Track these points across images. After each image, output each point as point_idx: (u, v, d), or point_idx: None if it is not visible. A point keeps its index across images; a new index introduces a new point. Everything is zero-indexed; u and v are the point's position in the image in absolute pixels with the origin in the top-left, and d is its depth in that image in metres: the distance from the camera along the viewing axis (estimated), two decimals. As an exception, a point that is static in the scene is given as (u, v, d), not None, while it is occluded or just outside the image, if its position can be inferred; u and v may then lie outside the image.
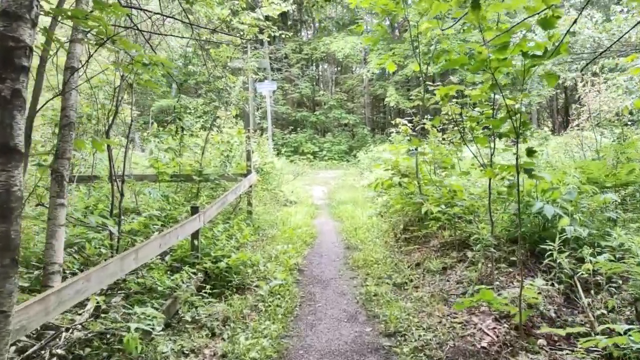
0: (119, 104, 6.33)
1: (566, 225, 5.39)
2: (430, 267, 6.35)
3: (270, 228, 9.42)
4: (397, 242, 7.95)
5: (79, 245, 6.38)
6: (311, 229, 9.68)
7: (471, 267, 5.98)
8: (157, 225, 7.29)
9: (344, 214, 11.55)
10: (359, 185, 16.45)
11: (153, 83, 4.95)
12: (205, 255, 6.42)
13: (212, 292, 5.76)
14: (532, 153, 4.47)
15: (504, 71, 4.57)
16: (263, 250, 7.65)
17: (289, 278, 6.46)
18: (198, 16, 8.84)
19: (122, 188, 6.32)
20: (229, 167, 9.94)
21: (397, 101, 25.56)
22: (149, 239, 5.01)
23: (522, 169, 4.44)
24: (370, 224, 9.71)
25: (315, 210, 12.72)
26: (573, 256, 5.32)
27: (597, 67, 9.86)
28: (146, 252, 4.61)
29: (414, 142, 6.45)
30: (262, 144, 15.01)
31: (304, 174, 20.32)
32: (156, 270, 5.78)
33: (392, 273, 6.52)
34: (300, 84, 28.63)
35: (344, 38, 26.89)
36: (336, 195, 14.95)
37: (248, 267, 6.46)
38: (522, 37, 4.19)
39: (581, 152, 8.74)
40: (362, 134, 28.81)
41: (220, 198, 7.38)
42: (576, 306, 5.07)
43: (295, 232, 9.09)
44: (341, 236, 9.30)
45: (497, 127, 4.65)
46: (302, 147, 27.27)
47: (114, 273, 3.98)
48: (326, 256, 7.83)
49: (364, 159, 20.96)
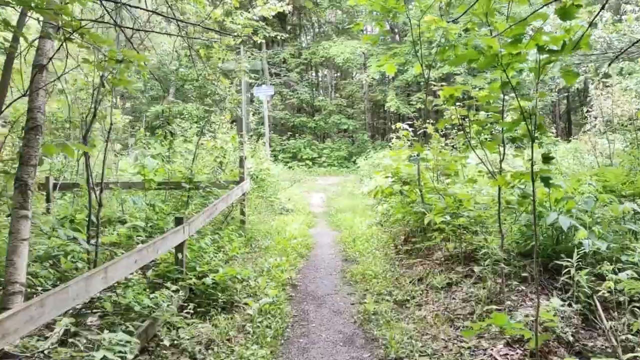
0: (98, 105, 5.88)
1: (583, 238, 4.91)
2: (434, 282, 5.86)
3: (264, 238, 8.93)
4: (397, 254, 7.46)
5: (56, 258, 5.91)
6: (307, 240, 9.20)
7: (479, 284, 5.49)
8: (141, 237, 6.82)
9: (343, 222, 11.07)
10: (358, 192, 15.97)
11: (127, 81, 4.48)
12: (191, 269, 5.94)
13: (196, 311, 5.29)
14: (548, 159, 4.00)
15: (517, 68, 4.13)
16: (255, 263, 7.17)
17: (281, 294, 5.97)
18: (188, 16, 8.40)
19: (100, 197, 5.84)
20: (222, 174, 9.48)
21: (398, 107, 25.11)
22: (124, 254, 4.53)
23: (537, 177, 3.98)
24: (370, 233, 9.23)
25: (313, 218, 12.24)
26: (591, 272, 4.84)
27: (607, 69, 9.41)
28: (118, 270, 4.13)
29: (416, 148, 5.99)
30: (259, 149, 14.54)
31: (302, 181, 19.86)
32: (136, 287, 5.30)
33: (392, 289, 6.03)
34: (299, 89, 28.17)
35: (344, 42, 26.47)
36: (335, 203, 14.48)
37: (237, 283, 5.98)
38: (538, 28, 3.72)
39: (593, 158, 8.28)
40: (362, 139, 28.34)
41: (209, 207, 6.90)
42: (595, 328, 4.58)
43: (290, 243, 8.60)
44: (339, 247, 8.82)
45: (509, 130, 4.18)
46: (301, 153, 26.79)
47: (77, 296, 3.50)
48: (322, 269, 7.34)
49: (363, 166, 20.49)
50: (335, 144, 28.21)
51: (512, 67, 3.99)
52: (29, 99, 4.50)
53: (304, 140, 27.68)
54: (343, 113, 29.12)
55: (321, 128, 28.94)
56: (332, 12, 33.42)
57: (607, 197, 5.56)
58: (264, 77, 27.06)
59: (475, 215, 5.84)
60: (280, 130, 28.53)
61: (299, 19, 32.86)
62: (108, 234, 6.72)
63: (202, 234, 7.34)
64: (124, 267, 4.25)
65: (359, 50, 26.68)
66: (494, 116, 5.03)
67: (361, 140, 28.40)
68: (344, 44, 26.12)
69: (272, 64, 28.04)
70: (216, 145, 10.01)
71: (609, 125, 8.98)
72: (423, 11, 6.86)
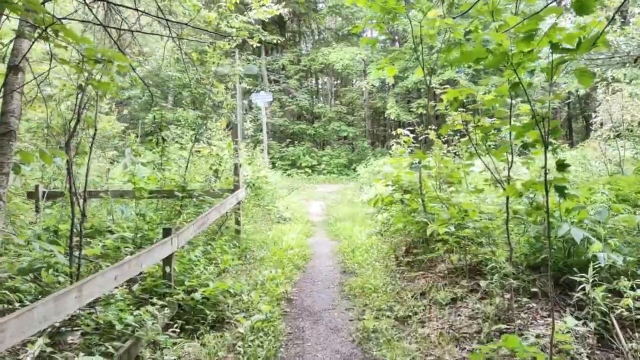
0: (82, 110, 5.56)
1: (598, 251, 4.58)
2: (438, 297, 5.52)
3: (259, 249, 8.59)
4: (398, 265, 7.12)
5: (38, 271, 5.58)
6: (305, 250, 8.85)
7: (485, 300, 5.15)
8: (129, 248, 6.48)
9: (342, 232, 10.73)
10: (358, 200, 15.64)
11: (108, 84, 4.16)
12: (179, 283, 5.60)
13: (184, 329, 4.95)
14: (563, 167, 3.68)
15: (529, 68, 3.82)
16: (249, 276, 6.83)
17: (276, 310, 5.63)
18: (181, 19, 8.12)
19: (84, 208, 5.52)
20: (216, 181, 9.15)
21: (398, 114, 24.83)
22: (100, 270, 4.20)
23: (551, 186, 3.65)
24: (370, 243, 8.88)
25: (311, 227, 11.89)
26: (607, 288, 4.50)
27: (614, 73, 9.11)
28: (95, 287, 3.79)
29: (418, 155, 5.66)
30: (256, 157, 14.23)
31: (301, 189, 19.54)
32: (120, 303, 4.97)
33: (393, 304, 5.68)
34: (298, 96, 27.89)
35: (343, 49, 26.20)
36: (334, 211, 14.14)
37: (228, 298, 5.64)
38: (552, 25, 3.41)
39: (602, 165, 7.95)
40: (362, 147, 28.02)
41: (201, 217, 6.57)
42: (612, 348, 4.24)
43: (286, 253, 8.26)
44: (337, 258, 8.47)
45: (519, 136, 3.85)
46: (300, 161, 26.46)
47: (44, 319, 3.16)
48: (320, 282, 7.00)
49: (363, 173, 20.17)
50: (335, 151, 27.90)
51: (524, 66, 3.68)
52: (2, 102, 4.20)
53: (303, 147, 27.38)
54: (343, 120, 28.83)
55: (321, 135, 28.64)
56: (331, 19, 33.25)
57: (620, 206, 5.23)
58: (263, 83, 26.81)
59: (481, 227, 5.50)
60: (279, 137, 28.22)
61: (299, 25, 32.67)
62: (95, 245, 6.38)
63: (193, 244, 7.02)
64: (101, 285, 3.91)
65: (359, 57, 26.43)
66: (501, 121, 4.71)
67: (361, 148, 28.09)
68: (343, 50, 25.87)
69: (271, 71, 27.78)
70: (212, 152, 9.70)
71: (618, 131, 8.66)
72: (424, 12, 6.57)
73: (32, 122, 9.74)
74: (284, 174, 23.44)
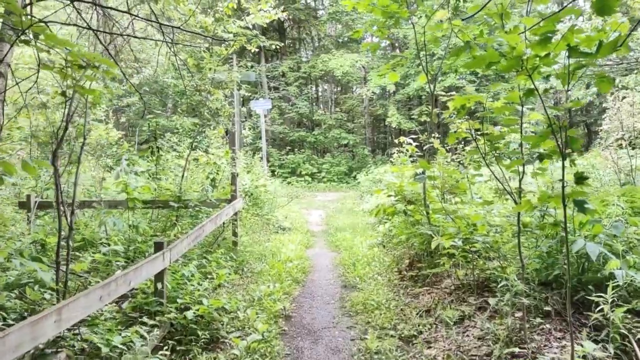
0: (70, 118, 5.30)
1: (616, 268, 4.31)
2: (444, 315, 5.22)
3: (257, 262, 8.30)
4: (402, 280, 6.83)
5: (24, 287, 5.31)
6: (304, 262, 8.56)
7: (495, 319, 4.86)
8: (120, 262, 6.20)
9: (342, 243, 10.44)
10: (358, 209, 15.37)
11: (92, 91, 3.90)
12: (172, 301, 5.32)
13: (175, 350, 4.67)
14: (582, 180, 3.41)
15: (544, 73, 3.56)
16: (245, 291, 6.54)
17: (273, 328, 5.34)
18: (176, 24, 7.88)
19: (71, 220, 5.24)
20: (212, 191, 8.89)
21: (399, 122, 24.59)
22: (87, 289, 3.92)
23: (570, 200, 3.38)
24: (371, 255, 8.60)
25: (311, 238, 11.60)
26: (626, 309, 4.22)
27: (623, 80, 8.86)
28: (77, 310, 3.51)
29: (422, 164, 5.39)
30: (255, 165, 13.96)
31: (300, 197, 19.26)
32: (108, 323, 4.69)
33: (397, 322, 5.40)
34: (298, 103, 27.64)
35: (343, 55, 25.96)
36: (334, 221, 13.86)
37: (223, 315, 5.36)
38: (570, 27, 3.15)
39: (613, 174, 7.67)
40: (363, 154, 27.73)
41: (195, 229, 6.30)
42: (631, 373, 3.96)
43: (285, 266, 7.97)
44: (338, 271, 8.18)
45: (535, 146, 3.59)
46: (300, 169, 26.18)
47: (17, 348, 2.88)
48: (319, 297, 6.71)
49: (364, 181, 19.91)
50: (335, 158, 27.63)
51: (539, 71, 3.42)
52: (-19, 110, 3.94)
53: (303, 155, 27.11)
54: (343, 127, 28.57)
55: (321, 143, 28.38)
56: (331, 26, 33.12)
57: (637, 219, 4.95)
58: (263, 90, 26.60)
59: (492, 241, 5.22)
60: (279, 145, 27.95)
61: (299, 32, 32.52)
62: (85, 259, 6.10)
63: (188, 258, 6.73)
64: (84, 306, 3.63)
65: (359, 64, 26.21)
66: (511, 130, 4.44)
67: (361, 155, 27.82)
68: (343, 57, 25.64)
69: (270, 78, 27.55)
70: (209, 160, 9.44)
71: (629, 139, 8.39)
72: (428, 16, 6.34)
73: (27, 130, 9.49)
74: (284, 182, 23.17)
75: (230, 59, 8.40)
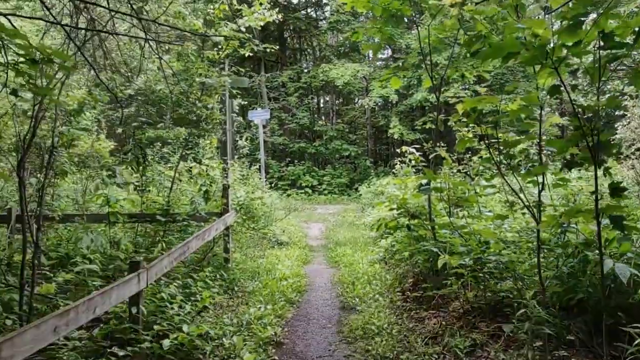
0: (37, 124, 4.80)
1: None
2: (453, 344, 4.66)
3: (250, 279, 7.75)
4: (405, 301, 6.26)
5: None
6: (300, 280, 8.00)
7: (512, 349, 4.30)
8: (97, 282, 5.66)
9: (342, 258, 9.88)
10: (360, 222, 14.79)
11: (48, 90, 3.40)
12: (148, 328, 4.76)
13: (148, 386, 4.12)
14: (619, 191, 2.88)
15: (571, 66, 3.05)
16: (234, 314, 5.98)
17: (262, 358, 4.78)
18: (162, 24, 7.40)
19: (36, 237, 4.72)
20: (206, 203, 8.36)
21: (401, 133, 24.05)
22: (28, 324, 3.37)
23: (605, 215, 2.86)
24: (372, 272, 8.04)
25: (309, 253, 11.04)
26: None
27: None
28: (23, 344, 2.97)
29: (428, 175, 4.87)
30: (251, 176, 13.43)
31: (300, 210, 18.70)
32: (72, 355, 4.14)
33: (400, 350, 4.83)
34: (298, 114, 27.12)
35: (345, 64, 25.48)
36: (334, 235, 13.29)
37: (206, 344, 4.80)
38: (604, 11, 2.64)
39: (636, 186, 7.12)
40: (364, 166, 27.14)
41: (179, 246, 5.76)
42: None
43: (279, 284, 7.42)
44: (336, 290, 7.61)
45: (562, 151, 3.06)
46: (300, 180, 25.62)
47: None
48: (315, 321, 6.13)
49: (366, 193, 19.34)
50: (336, 170, 27.06)
51: (567, 63, 2.91)
52: None
53: (303, 166, 26.57)
54: (344, 138, 28.01)
55: (321, 154, 27.84)
56: (332, 36, 32.79)
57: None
58: (263, 101, 26.16)
59: (509, 261, 4.66)
60: (278, 157, 27.41)
61: (300, 43, 32.18)
62: (57, 279, 5.56)
63: (171, 277, 6.19)
64: (33, 339, 3.09)
65: (361, 73, 25.74)
66: (530, 137, 3.92)
67: (363, 167, 27.24)
68: (344, 67, 25.15)
69: (270, 88, 27.11)
70: (202, 171, 8.91)
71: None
72: (433, 14, 5.85)
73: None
74: (284, 194, 22.61)
75: (222, 63, 7.89)
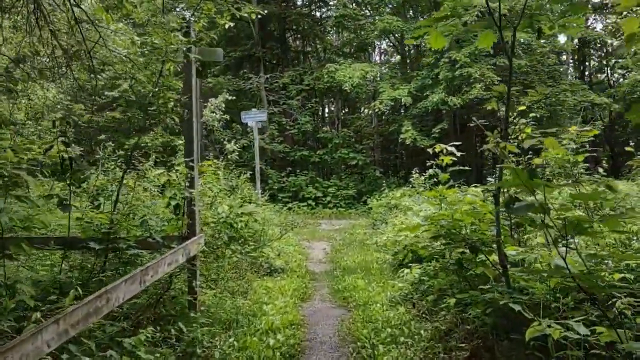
0: None
1: None
2: None
3: (224, 332, 5.40)
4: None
5: None
6: (295, 333, 5.62)
7: None
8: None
9: (353, 293, 7.51)
10: (371, 241, 12.41)
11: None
12: None
13: None
14: None
15: None
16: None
17: None
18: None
19: None
20: (163, 225, 6.07)
21: (414, 138, 21.68)
22: None
23: None
24: (397, 321, 5.67)
25: (309, 283, 8.67)
26: None
27: None
28: None
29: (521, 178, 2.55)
30: (240, 187, 11.11)
31: (301, 226, 16.32)
32: None
33: None
34: (300, 119, 24.72)
35: (352, 65, 23.04)
36: (341, 258, 10.93)
37: None
38: None
39: None
40: (373, 176, 24.64)
41: (91, 298, 3.40)
42: None
43: (264, 343, 5.06)
44: (347, 349, 5.23)
45: None
46: (303, 192, 23.19)
47: None
48: None
49: (376, 207, 16.98)
50: (343, 181, 24.62)
51: None
52: None
53: (306, 177, 24.16)
54: (351, 147, 25.61)
55: (326, 163, 25.44)
56: (337, 39, 30.67)
57: None
58: (262, 104, 23.88)
59: None
60: (278, 166, 24.99)
61: (303, 44, 30.01)
62: None
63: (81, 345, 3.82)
64: None
65: (370, 75, 23.36)
66: None
67: (372, 177, 24.80)
68: (352, 67, 22.74)
69: (270, 90, 24.77)
70: (173, 180, 6.59)
71: None
72: None
73: None
74: (284, 207, 20.22)
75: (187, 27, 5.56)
